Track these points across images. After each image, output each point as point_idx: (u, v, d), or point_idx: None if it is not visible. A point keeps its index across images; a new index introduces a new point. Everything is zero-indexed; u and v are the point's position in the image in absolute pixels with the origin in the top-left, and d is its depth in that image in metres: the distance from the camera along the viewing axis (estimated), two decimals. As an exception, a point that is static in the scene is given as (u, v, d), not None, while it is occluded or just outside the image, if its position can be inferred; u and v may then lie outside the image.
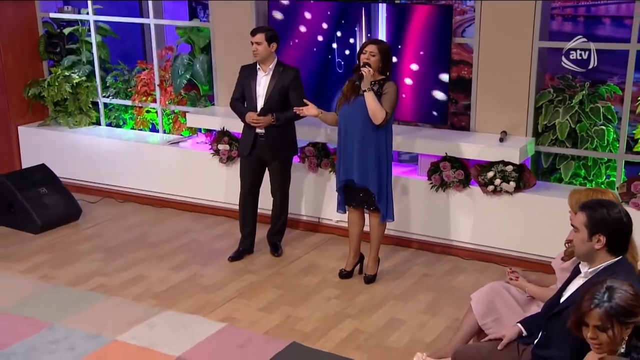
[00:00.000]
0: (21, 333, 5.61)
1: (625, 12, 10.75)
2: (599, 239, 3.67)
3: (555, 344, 3.84)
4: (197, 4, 11.45)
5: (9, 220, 7.68)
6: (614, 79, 7.27)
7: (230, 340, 5.57)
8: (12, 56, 8.68)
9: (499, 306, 4.59)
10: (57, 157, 8.56)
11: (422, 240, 7.21)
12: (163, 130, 8.80)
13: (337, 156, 6.31)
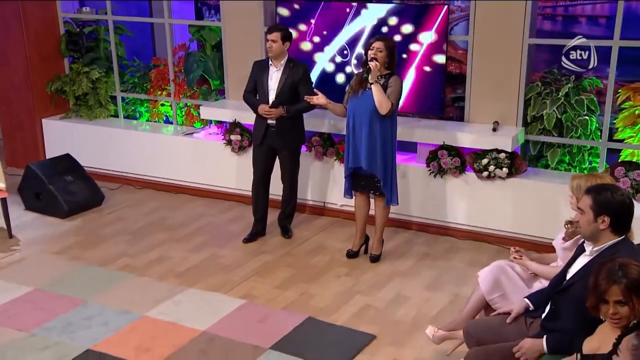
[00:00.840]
0: (58, 310, 5.61)
1: (599, 12, 10.76)
2: (604, 220, 3.68)
3: (563, 317, 3.85)
4: (202, 4, 11.35)
5: (38, 206, 7.64)
6: (589, 73, 7.23)
7: (251, 315, 5.58)
8: (36, 54, 8.62)
9: (505, 283, 4.58)
10: (79, 147, 8.50)
11: (421, 222, 7.21)
12: (177, 122, 8.70)
13: (346, 145, 6.29)
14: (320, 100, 6.31)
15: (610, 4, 10.66)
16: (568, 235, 4.45)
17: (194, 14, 10.24)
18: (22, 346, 5.10)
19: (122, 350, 5.05)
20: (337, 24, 7.29)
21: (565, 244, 4.43)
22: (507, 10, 6.70)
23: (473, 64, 6.98)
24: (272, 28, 6.47)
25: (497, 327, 4.19)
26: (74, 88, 8.66)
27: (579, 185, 4.34)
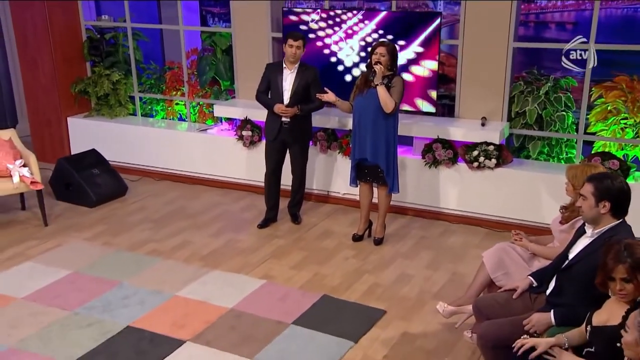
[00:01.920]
0: (97, 290, 5.60)
1: (567, 19, 10.83)
2: (605, 205, 3.71)
3: (567, 293, 3.88)
4: (207, 12, 11.32)
5: (68, 196, 7.60)
6: (557, 74, 7.28)
7: (271, 294, 5.58)
8: (61, 58, 8.56)
9: (507, 262, 4.61)
10: (101, 143, 8.45)
11: (416, 209, 7.24)
12: (190, 119, 8.67)
13: (352, 139, 6.29)
14: (330, 97, 6.33)
15: (577, 12, 10.75)
16: (565, 219, 4.48)
17: (199, 21, 10.22)
18: (68, 324, 5.08)
19: (159, 327, 5.04)
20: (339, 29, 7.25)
21: (562, 227, 4.47)
22: (493, 16, 6.71)
23: (463, 65, 7.01)
24: (298, 36, 6.45)
25: (504, 303, 4.20)
26: (96, 89, 8.60)
27: (575, 175, 4.38)
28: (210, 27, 9.05)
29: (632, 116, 6.84)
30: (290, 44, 6.41)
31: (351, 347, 4.82)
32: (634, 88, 6.87)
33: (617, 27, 9.31)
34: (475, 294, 4.67)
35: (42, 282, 5.72)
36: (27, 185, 6.64)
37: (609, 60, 7.32)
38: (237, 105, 7.98)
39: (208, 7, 11.68)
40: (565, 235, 4.42)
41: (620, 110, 6.91)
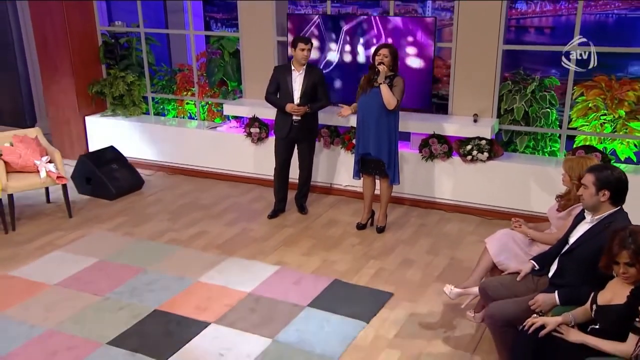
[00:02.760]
0: (123, 277, 5.59)
1: (545, 24, 10.87)
2: (604, 193, 3.74)
3: (569, 274, 3.91)
4: (210, 18, 11.31)
5: (89, 190, 7.56)
6: (537, 74, 7.32)
7: (286, 278, 5.58)
8: (79, 61, 8.51)
9: (509, 247, 4.63)
10: (116, 140, 8.41)
11: (413, 199, 7.26)
12: (200, 118, 8.65)
13: (356, 135, 6.29)
14: (347, 111, 6.36)
15: (554, 17, 10.77)
16: (561, 207, 4.51)
17: (203, 26, 10.21)
18: (101, 307, 5.08)
19: (184, 310, 5.04)
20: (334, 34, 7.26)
21: (560, 214, 4.49)
22: (484, 21, 6.73)
23: (456, 66, 7.02)
24: (308, 40, 6.43)
25: (509, 285, 4.23)
26: (112, 90, 8.55)
27: (571, 166, 4.40)
28: (218, 32, 8.98)
29: (611, 112, 6.89)
30: (302, 48, 6.40)
31: (364, 327, 4.83)
32: (612, 87, 6.92)
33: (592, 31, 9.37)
34: (479, 277, 4.69)
35: (72, 270, 5.70)
36: (53, 180, 6.59)
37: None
38: (245, 105, 7.95)
39: (211, 13, 11.67)
40: (563, 222, 4.45)
41: (600, 107, 6.96)
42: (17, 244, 6.26)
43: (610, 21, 10.31)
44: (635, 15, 10.18)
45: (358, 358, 4.47)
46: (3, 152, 6.58)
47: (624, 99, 6.88)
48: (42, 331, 4.73)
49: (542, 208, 6.46)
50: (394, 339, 4.70)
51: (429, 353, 4.54)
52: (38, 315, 4.95)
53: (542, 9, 10.68)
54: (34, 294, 5.28)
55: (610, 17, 10.29)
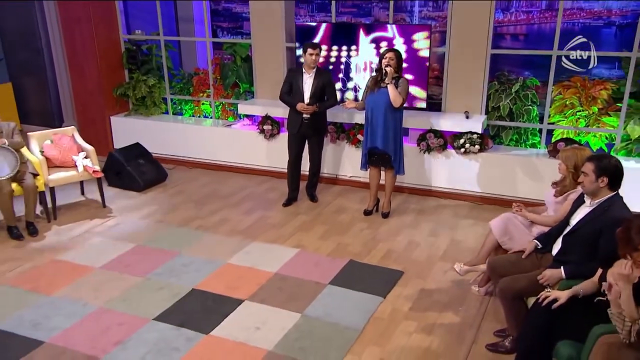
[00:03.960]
0: (160, 260, 5.57)
1: (520, 31, 10.93)
2: (603, 179, 3.79)
3: (572, 253, 3.96)
4: (217, 27, 11.26)
5: (119, 182, 7.50)
6: (512, 75, 7.39)
7: (306, 260, 5.59)
8: (104, 66, 8.45)
9: (511, 229, 4.68)
10: (139, 137, 8.34)
11: (412, 187, 7.29)
12: (216, 117, 8.63)
13: (365, 130, 6.30)
14: (351, 104, 6.36)
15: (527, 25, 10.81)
16: (558, 193, 4.55)
17: (211, 34, 10.15)
18: (143, 287, 5.07)
19: (218, 288, 5.04)
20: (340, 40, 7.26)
21: (557, 199, 4.53)
22: (474, 28, 6.76)
23: (449, 68, 7.05)
24: (316, 45, 6.43)
25: (515, 262, 4.28)
26: (135, 92, 8.49)
27: (568, 157, 4.45)
28: (232, 39, 8.94)
29: (585, 109, 6.96)
30: (311, 53, 6.40)
31: (381, 302, 4.87)
32: (586, 86, 6.99)
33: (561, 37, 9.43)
34: (485, 256, 4.74)
35: (113, 254, 5.67)
36: (90, 174, 6.56)
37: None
38: (257, 104, 7.94)
39: (218, 22, 11.61)
40: (560, 206, 4.49)
41: (575, 105, 7.03)
42: (59, 231, 6.22)
43: (576, 29, 10.40)
44: (598, 24, 10.29)
45: (379, 329, 4.49)
46: (45, 149, 6.53)
47: (597, 96, 6.96)
48: (94, 309, 4.72)
49: (527, 194, 6.60)
50: (409, 311, 4.74)
51: (442, 323, 4.58)
52: (88, 295, 4.94)
53: (517, 18, 10.75)
54: (82, 276, 5.26)
55: (576, 25, 10.38)
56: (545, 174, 6.64)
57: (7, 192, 5.85)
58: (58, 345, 4.24)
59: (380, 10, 10.80)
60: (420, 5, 10.81)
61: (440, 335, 4.42)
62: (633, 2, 8.71)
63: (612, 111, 6.91)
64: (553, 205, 4.59)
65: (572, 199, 4.30)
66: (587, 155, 4.29)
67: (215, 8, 11.17)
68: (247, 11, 11.35)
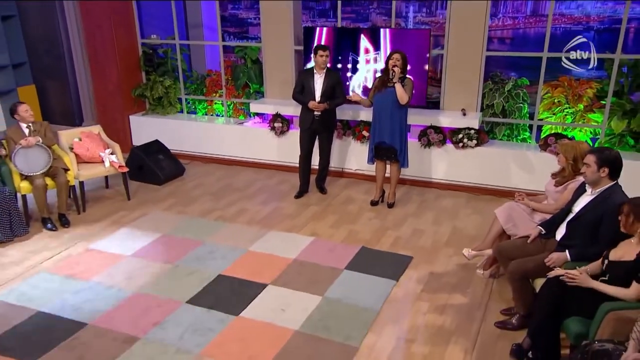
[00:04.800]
0: (186, 248, 5.57)
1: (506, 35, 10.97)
2: (604, 170, 3.85)
3: (576, 237, 4.02)
4: (224, 32, 11.22)
5: (140, 176, 7.48)
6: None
7: (321, 247, 5.61)
8: (123, 69, 8.42)
9: (515, 216, 4.73)
10: (156, 135, 8.34)
11: (413, 179, 7.32)
12: (228, 115, 8.62)
13: (372, 127, 6.32)
14: (356, 97, 6.34)
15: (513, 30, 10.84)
16: (558, 183, 4.60)
17: (219, 37, 10.12)
18: (172, 274, 5.07)
19: (243, 274, 5.07)
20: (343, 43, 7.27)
21: (557, 188, 4.59)
22: (470, 31, 6.79)
23: (447, 68, 7.08)
24: (326, 47, 6.42)
25: (521, 246, 4.34)
26: (152, 92, 8.46)
27: (567, 149, 4.51)
28: (243, 42, 8.92)
29: (572, 106, 7.03)
30: (321, 54, 6.41)
31: (395, 285, 4.91)
32: (572, 86, 7.06)
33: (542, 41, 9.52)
34: (491, 242, 4.79)
35: (141, 243, 5.67)
36: (116, 169, 6.55)
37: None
38: (267, 103, 7.93)
39: (225, 27, 11.58)
40: (560, 195, 4.55)
41: (562, 102, 7.09)
42: (89, 222, 6.21)
43: (558, 33, 10.49)
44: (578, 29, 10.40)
45: (395, 309, 4.54)
46: (74, 146, 6.51)
47: (583, 95, 7.02)
48: (130, 293, 4.73)
49: (519, 184, 6.66)
50: (421, 293, 4.78)
51: (452, 304, 4.63)
52: (122, 280, 4.95)
53: (504, 23, 10.84)
54: (114, 263, 5.26)
55: (558, 29, 10.46)
56: (536, 166, 6.71)
57: (42, 186, 5.84)
58: (101, 326, 4.26)
59: (377, 15, 10.83)
60: (415, 12, 10.86)
61: (452, 315, 4.46)
62: (609, 10, 8.74)
63: (597, 108, 6.97)
64: (553, 194, 4.64)
65: (572, 188, 4.36)
66: (585, 149, 4.36)
67: (222, 14, 11.12)
68: (252, 17, 11.38)
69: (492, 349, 4.04)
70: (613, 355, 2.87)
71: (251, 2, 11.51)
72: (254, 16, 11.56)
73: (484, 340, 4.15)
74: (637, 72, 6.67)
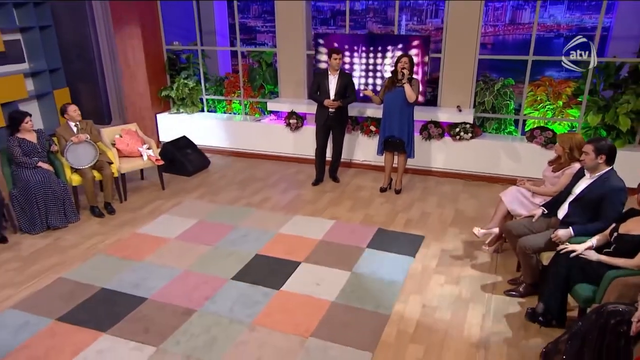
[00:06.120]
0: (221, 232, 5.60)
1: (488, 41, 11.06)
2: (601, 157, 3.96)
3: (577, 215, 4.12)
4: (233, 38, 11.20)
5: (172, 169, 7.47)
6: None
7: (343, 229, 5.67)
8: (151, 72, 8.41)
9: (518, 198, 4.84)
10: (181, 131, 8.37)
11: (415, 169, 7.42)
12: (245, 113, 8.64)
13: (382, 122, 6.38)
14: (369, 92, 6.40)
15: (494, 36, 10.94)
16: (555, 169, 4.71)
17: (229, 43, 10.15)
18: (214, 255, 5.11)
19: (277, 253, 5.12)
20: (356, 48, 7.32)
21: (555, 174, 4.69)
22: (465, 36, 6.88)
23: (444, 70, 7.16)
24: (339, 51, 6.47)
25: (527, 225, 4.44)
26: (178, 93, 8.45)
27: (563, 140, 4.61)
28: (259, 48, 8.94)
29: (553, 103, 7.16)
30: (335, 57, 6.47)
31: (412, 261, 5.00)
32: (553, 85, 7.18)
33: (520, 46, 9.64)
34: (497, 222, 4.89)
35: (181, 228, 5.70)
36: (153, 162, 6.56)
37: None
38: (282, 102, 7.98)
39: (234, 34, 11.55)
40: (558, 180, 4.65)
41: (544, 100, 7.22)
42: (132, 210, 6.23)
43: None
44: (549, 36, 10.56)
45: (416, 282, 4.64)
46: (116, 142, 6.51)
47: (562, 92, 7.16)
48: (179, 272, 4.77)
49: (508, 171, 6.79)
50: (437, 267, 4.89)
51: (465, 276, 4.74)
52: (171, 260, 4.98)
53: (485, 30, 10.94)
54: (162, 245, 5.30)
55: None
56: (522, 155, 6.85)
57: (90, 178, 5.86)
58: (159, 301, 4.31)
59: (373, 23, 10.87)
60: (407, 20, 10.93)
61: (466, 285, 4.58)
62: (576, 19, 8.87)
63: (574, 104, 7.11)
64: (551, 179, 4.75)
65: (569, 173, 4.47)
66: (579, 139, 4.49)
67: (232, 23, 11.12)
68: (259, 25, 11.35)
69: (505, 312, 4.17)
70: (626, 315, 2.99)
71: (259, 12, 11.49)
72: (261, 24, 11.56)
73: (496, 305, 4.26)
74: (608, 73, 6.80)
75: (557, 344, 3.36)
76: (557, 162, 4.76)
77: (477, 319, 4.09)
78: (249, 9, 11.38)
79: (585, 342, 3.12)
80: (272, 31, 10.72)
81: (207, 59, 8.88)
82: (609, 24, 7.81)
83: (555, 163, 4.79)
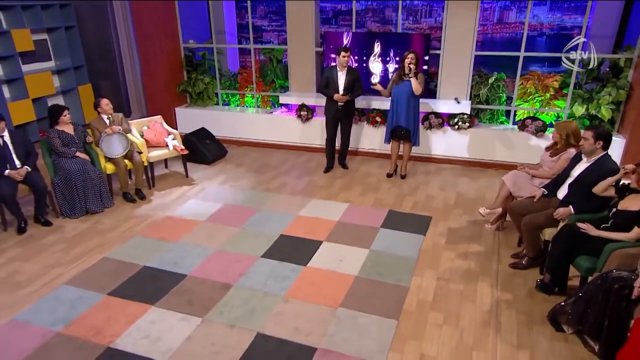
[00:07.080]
0: (246, 214, 5.67)
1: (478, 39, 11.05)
2: (599, 142, 4.09)
3: (575, 195, 4.26)
4: (242, 37, 11.20)
5: (193, 158, 7.51)
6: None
7: (356, 211, 5.77)
8: (169, 69, 8.42)
9: (520, 181, 4.96)
10: (198, 123, 8.40)
11: (417, 156, 7.50)
12: (257, 106, 8.68)
13: (390, 113, 6.45)
14: (378, 86, 6.48)
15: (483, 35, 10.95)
16: (552, 154, 4.83)
17: (237, 41, 10.16)
18: (243, 235, 5.19)
19: (300, 233, 5.21)
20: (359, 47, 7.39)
21: (552, 158, 4.81)
22: (463, 34, 6.97)
23: (443, 65, 7.25)
24: (348, 49, 6.51)
25: (529, 205, 4.57)
26: (195, 88, 8.48)
27: (560, 127, 4.74)
28: (271, 45, 8.99)
29: (541, 95, 7.29)
30: (344, 55, 6.53)
31: (423, 238, 5.13)
32: (541, 78, 7.30)
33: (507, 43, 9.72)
34: (500, 202, 5.04)
35: (210, 211, 5.78)
36: (178, 152, 6.62)
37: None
38: (292, 96, 8.03)
39: (243, 33, 11.54)
40: (555, 164, 4.78)
41: (533, 92, 7.34)
42: (161, 196, 6.30)
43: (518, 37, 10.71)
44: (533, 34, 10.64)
45: (429, 257, 4.77)
46: (144, 133, 6.56)
47: (549, 85, 7.28)
48: (213, 251, 4.86)
49: (501, 157, 6.92)
50: (446, 244, 5.02)
51: (471, 252, 4.88)
52: (204, 241, 5.07)
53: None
54: (193, 227, 5.38)
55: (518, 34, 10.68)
56: (514, 143, 6.98)
57: (123, 166, 5.92)
58: (198, 276, 4.41)
59: (372, 22, 10.91)
60: (403, 19, 10.97)
61: (474, 260, 4.71)
62: (557, 19, 9.00)
63: (560, 96, 7.24)
64: (549, 163, 4.88)
65: (565, 158, 4.61)
66: (574, 127, 4.62)
67: (240, 22, 11.13)
68: (265, 24, 11.35)
69: (511, 283, 4.31)
70: (628, 280, 3.14)
71: (265, 12, 11.49)
72: (267, 24, 11.55)
73: (503, 277, 4.41)
74: (590, 68, 6.93)
75: (563, 306, 3.51)
76: (554, 147, 4.88)
77: (487, 289, 4.23)
78: (256, 9, 11.39)
79: (590, 304, 3.27)
80: (278, 30, 10.79)
81: (220, 56, 8.88)
82: (587, 23, 7.93)
83: (552, 148, 4.91)
